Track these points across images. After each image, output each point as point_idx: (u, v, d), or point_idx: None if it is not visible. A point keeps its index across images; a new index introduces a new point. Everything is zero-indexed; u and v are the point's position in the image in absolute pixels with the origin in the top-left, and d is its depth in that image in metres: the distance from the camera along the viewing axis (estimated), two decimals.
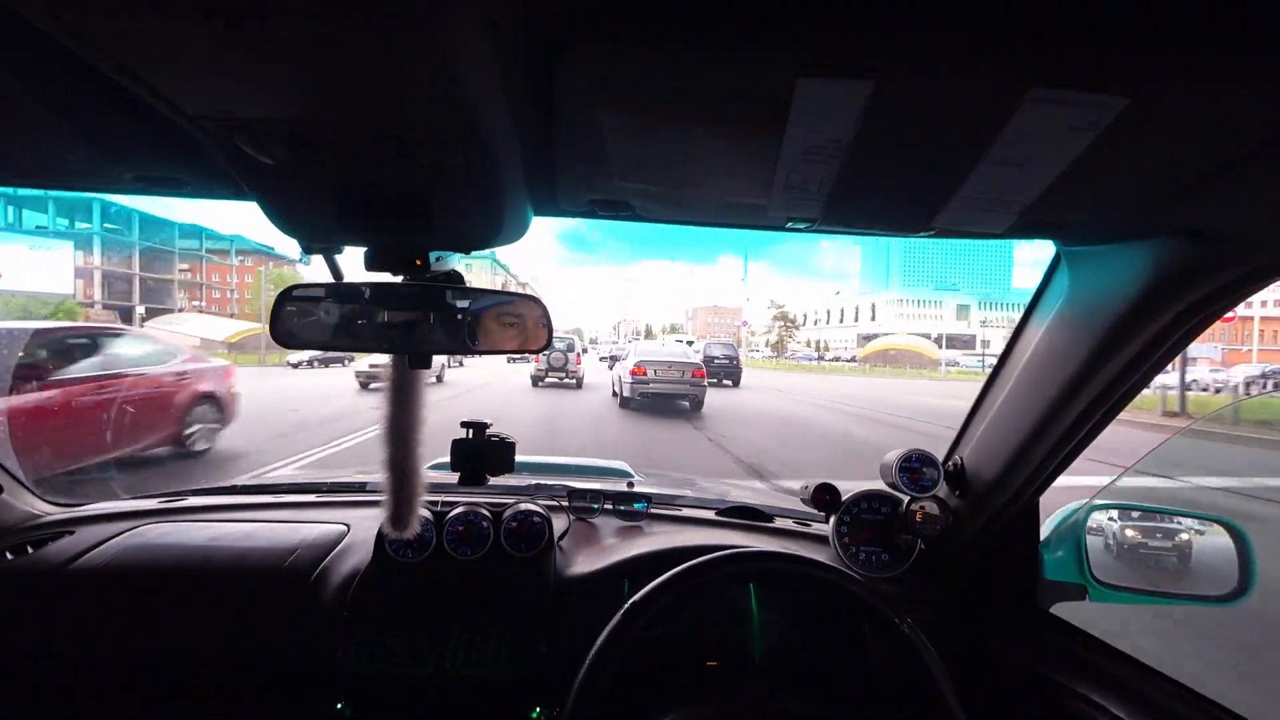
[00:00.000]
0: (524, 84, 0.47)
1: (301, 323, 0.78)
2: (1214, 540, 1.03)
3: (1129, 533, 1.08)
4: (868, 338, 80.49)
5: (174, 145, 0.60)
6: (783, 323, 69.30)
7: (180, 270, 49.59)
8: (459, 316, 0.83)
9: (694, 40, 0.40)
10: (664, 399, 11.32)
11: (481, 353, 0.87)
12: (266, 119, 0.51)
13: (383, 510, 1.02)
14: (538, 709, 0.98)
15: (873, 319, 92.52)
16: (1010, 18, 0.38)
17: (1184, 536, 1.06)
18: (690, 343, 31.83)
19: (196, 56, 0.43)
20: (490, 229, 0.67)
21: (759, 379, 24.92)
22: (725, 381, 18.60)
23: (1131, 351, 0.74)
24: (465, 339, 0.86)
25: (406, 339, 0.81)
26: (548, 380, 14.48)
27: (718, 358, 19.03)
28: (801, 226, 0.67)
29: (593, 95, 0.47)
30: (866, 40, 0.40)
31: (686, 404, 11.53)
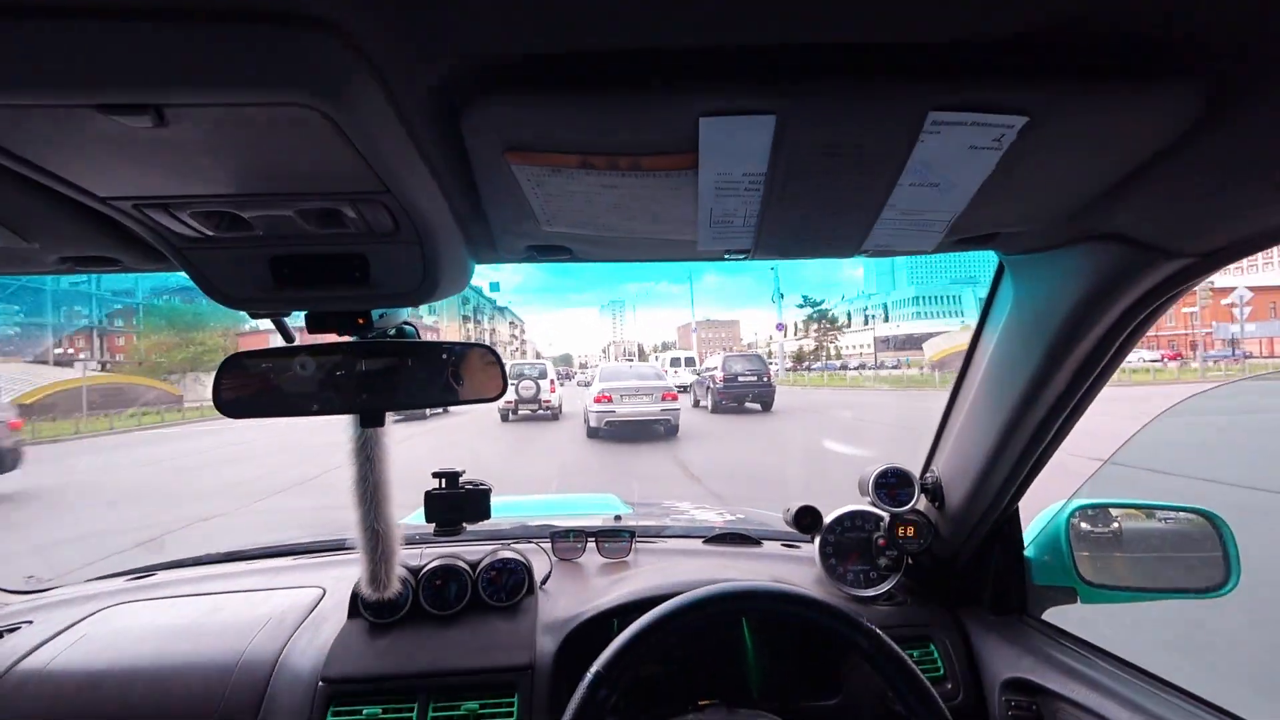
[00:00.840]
0: (436, 143, 0.47)
1: (245, 392, 0.77)
2: (1195, 531, 1.02)
3: (1112, 530, 1.07)
4: (887, 341, 71.97)
5: (97, 225, 0.59)
6: (820, 323, 57.37)
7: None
8: (411, 371, 0.82)
9: (591, 91, 0.41)
10: (635, 426, 10.13)
11: (438, 405, 0.86)
12: (183, 196, 0.51)
13: (360, 570, 1.00)
14: None
15: (885, 319, 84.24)
16: (902, 56, 0.39)
17: (1166, 530, 1.05)
18: (690, 360, 28.11)
19: (99, 144, 0.42)
20: (429, 282, 0.66)
21: (800, 398, 19.27)
22: (753, 405, 14.80)
23: (1082, 353, 0.74)
24: (421, 393, 0.85)
25: (356, 399, 0.80)
26: (520, 413, 12.93)
27: (742, 374, 14.78)
28: (739, 257, 0.67)
29: (502, 148, 0.47)
30: (763, 81, 0.40)
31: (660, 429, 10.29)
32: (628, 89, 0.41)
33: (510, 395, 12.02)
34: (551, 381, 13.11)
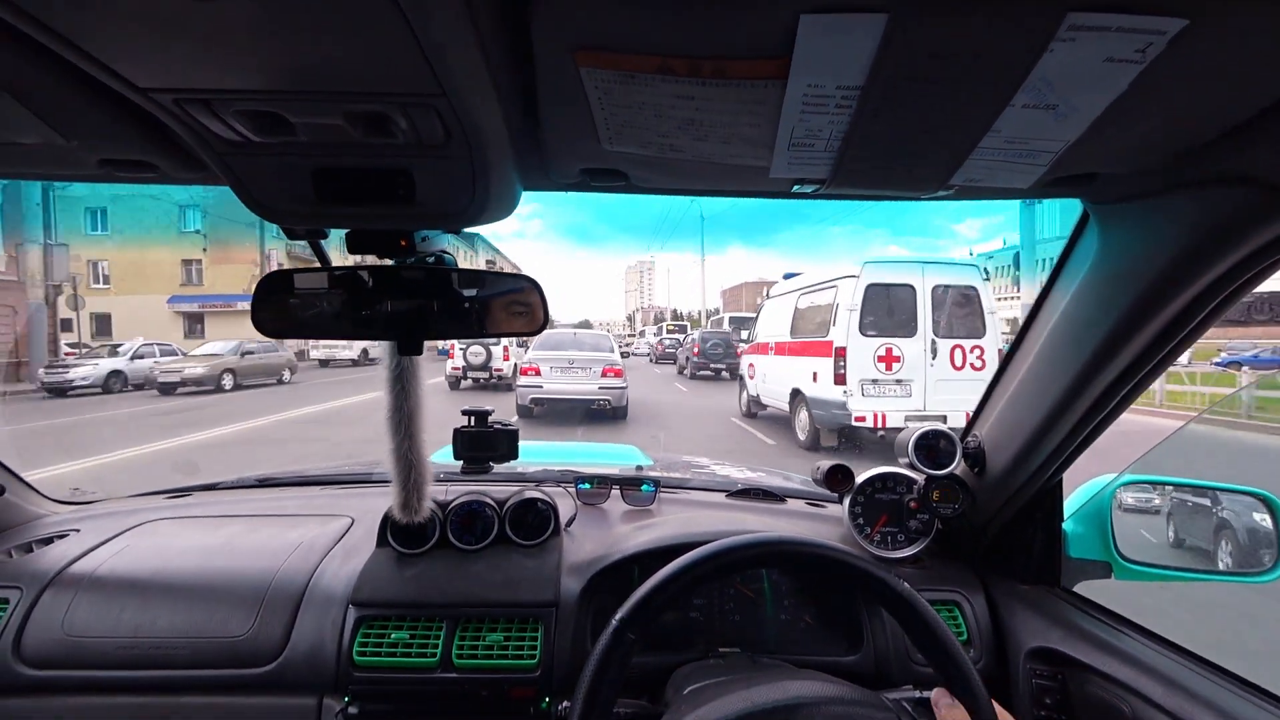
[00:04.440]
0: (500, 41, 0.43)
1: (285, 310, 0.75)
2: (1248, 514, 0.99)
3: (1158, 508, 1.03)
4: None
5: (138, 125, 0.56)
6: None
7: None
8: (450, 300, 0.79)
9: None
10: (569, 405, 8.36)
11: (476, 336, 0.85)
12: (227, 91, 0.48)
13: (391, 498, 1.02)
14: (547, 699, 0.96)
15: None
16: None
17: (1218, 511, 1.01)
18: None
19: (140, 24, 0.39)
20: (476, 204, 0.63)
21: None
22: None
23: (1170, 314, 0.68)
24: (458, 322, 0.83)
25: (396, 325, 0.78)
26: (468, 382, 11.10)
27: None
28: (808, 190, 0.62)
29: (572, 48, 0.42)
30: None
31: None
32: None
33: (458, 361, 10.93)
34: (505, 349, 10.83)
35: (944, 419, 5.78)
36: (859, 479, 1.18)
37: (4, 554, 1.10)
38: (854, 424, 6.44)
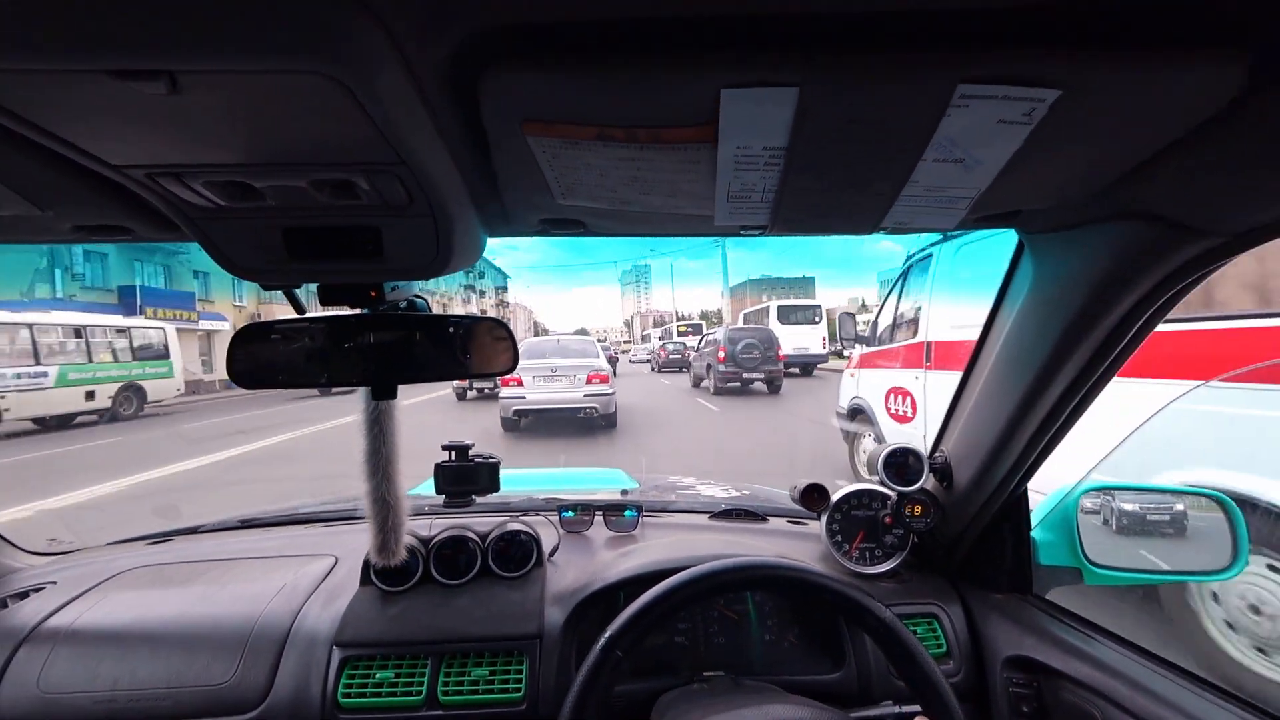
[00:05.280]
0: (452, 114, 0.46)
1: (258, 361, 0.77)
2: (1204, 515, 1.02)
3: (1122, 513, 1.07)
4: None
5: (111, 195, 0.59)
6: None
7: None
8: (422, 345, 0.82)
9: (610, 61, 0.39)
10: (554, 415, 8.06)
11: (449, 379, 0.87)
12: (195, 165, 0.50)
13: (369, 539, 1.02)
14: None
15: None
16: (931, 25, 0.38)
17: (1176, 512, 1.05)
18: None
19: (111, 111, 0.41)
20: (442, 256, 0.66)
21: None
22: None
23: (1101, 334, 0.73)
24: (432, 366, 0.85)
25: (368, 371, 0.80)
26: (473, 393, 11.57)
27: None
28: (755, 233, 0.66)
29: (518, 120, 0.46)
30: (787, 52, 0.39)
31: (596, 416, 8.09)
32: (648, 59, 0.39)
33: None
34: None
35: None
36: (834, 497, 1.21)
37: None
38: None
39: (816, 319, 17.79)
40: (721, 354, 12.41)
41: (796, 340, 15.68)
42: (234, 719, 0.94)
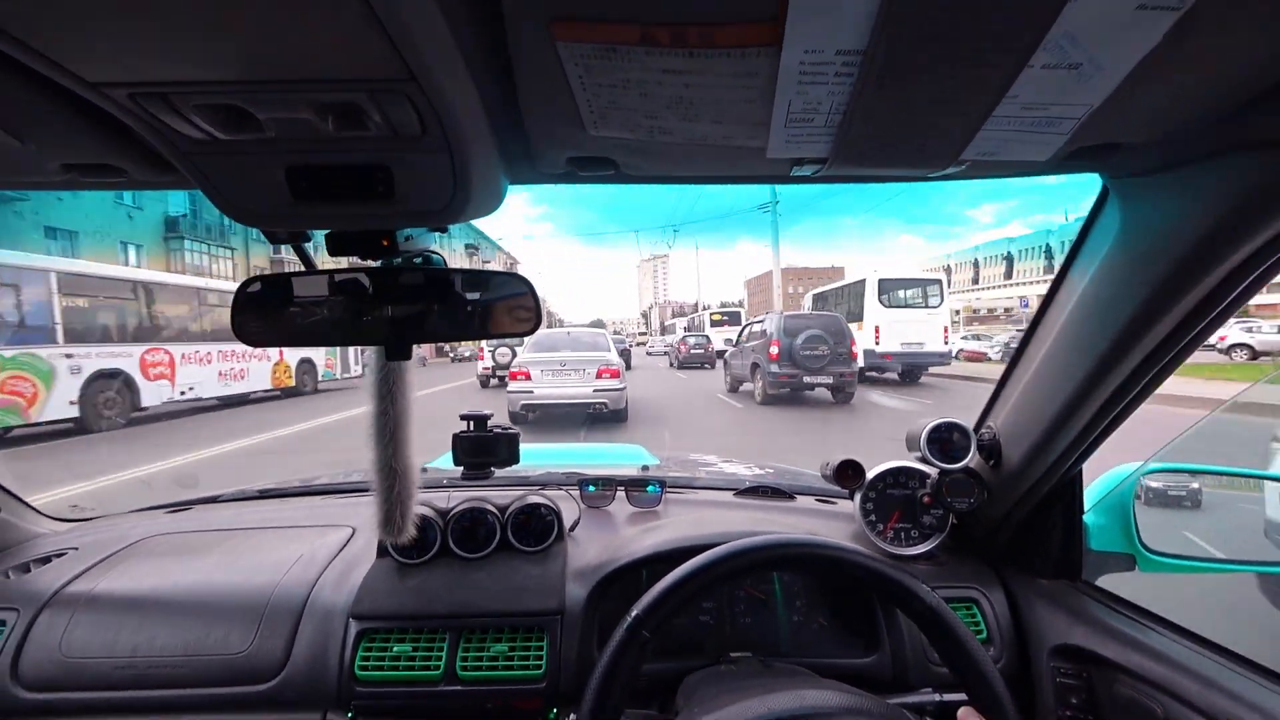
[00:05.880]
0: (470, 16, 0.40)
1: (265, 316, 0.72)
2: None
3: (1185, 496, 0.99)
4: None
5: (98, 126, 0.54)
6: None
7: None
8: (439, 302, 0.76)
9: None
10: (562, 410, 7.65)
11: (468, 338, 0.81)
12: (184, 84, 0.45)
13: (375, 512, 0.96)
14: (554, 710, 0.93)
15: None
16: None
17: (1248, 499, 0.97)
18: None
19: (85, 13, 0.36)
20: (459, 199, 0.60)
21: None
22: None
23: (1202, 292, 0.64)
24: (450, 325, 0.80)
25: (380, 330, 0.75)
26: (496, 380, 11.03)
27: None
28: (808, 172, 0.58)
29: (547, 19, 0.39)
30: None
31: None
32: None
33: (488, 361, 11.43)
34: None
35: None
36: (870, 474, 1.15)
37: (1, 575, 1.08)
38: None
39: (936, 301, 12.15)
40: (774, 350, 9.37)
41: (905, 331, 11.38)
42: (251, 688, 0.93)
